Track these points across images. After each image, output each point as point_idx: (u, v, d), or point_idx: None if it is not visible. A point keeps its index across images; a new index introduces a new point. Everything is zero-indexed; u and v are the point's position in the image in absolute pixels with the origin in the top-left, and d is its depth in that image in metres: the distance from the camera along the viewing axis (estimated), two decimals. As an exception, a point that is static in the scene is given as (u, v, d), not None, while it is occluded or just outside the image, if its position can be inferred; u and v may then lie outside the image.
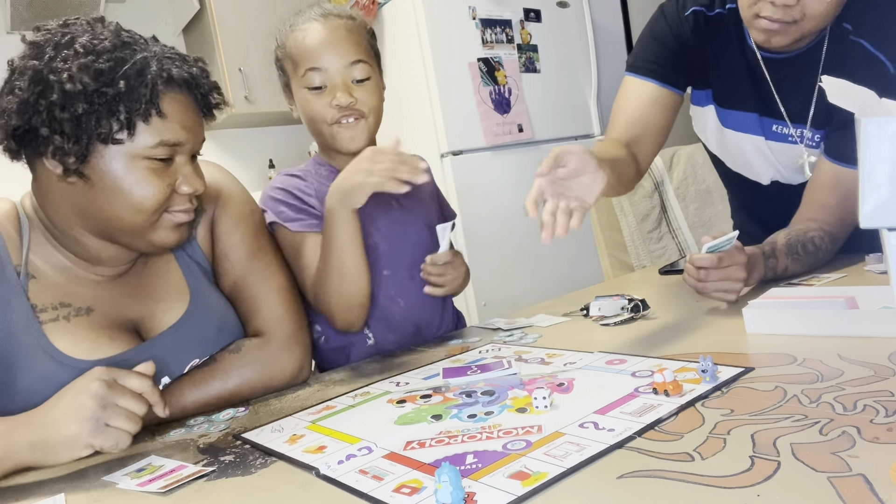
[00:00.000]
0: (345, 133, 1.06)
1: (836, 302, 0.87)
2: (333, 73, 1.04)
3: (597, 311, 1.09)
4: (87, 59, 0.76)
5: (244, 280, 0.98)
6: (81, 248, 0.87)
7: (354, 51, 1.04)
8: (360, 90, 1.05)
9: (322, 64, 1.03)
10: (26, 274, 0.85)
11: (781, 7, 1.05)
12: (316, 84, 1.04)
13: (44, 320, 0.84)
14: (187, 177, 0.85)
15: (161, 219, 0.85)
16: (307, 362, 0.99)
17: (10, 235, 0.86)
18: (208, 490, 0.64)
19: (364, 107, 1.05)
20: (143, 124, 0.79)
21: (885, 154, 0.46)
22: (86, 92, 0.75)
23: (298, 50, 1.05)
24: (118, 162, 0.80)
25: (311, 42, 1.04)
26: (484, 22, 2.83)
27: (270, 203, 1.09)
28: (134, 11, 3.08)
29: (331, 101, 1.04)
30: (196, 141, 0.86)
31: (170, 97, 0.81)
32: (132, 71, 0.78)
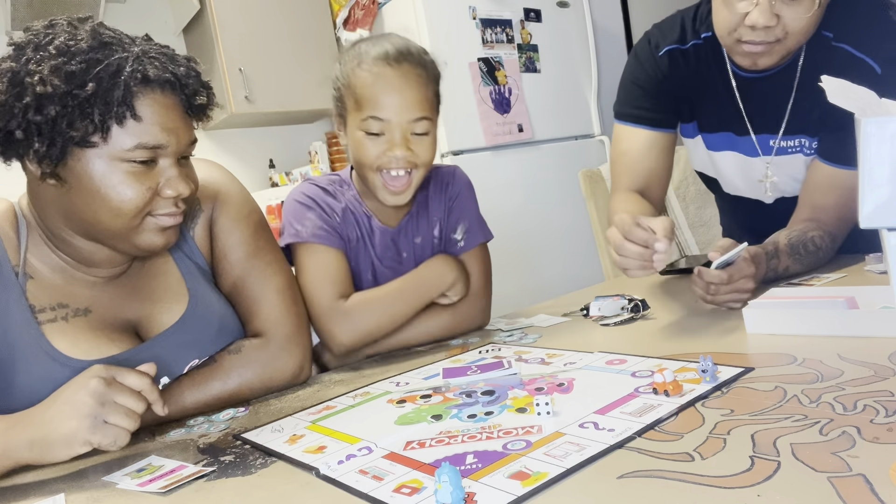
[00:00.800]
0: (389, 193, 1.05)
1: (836, 302, 0.87)
2: (394, 125, 1.01)
3: (597, 311, 1.09)
4: (58, 60, 0.74)
5: (243, 280, 0.98)
6: (74, 249, 0.86)
7: (420, 107, 1.02)
8: (417, 144, 1.03)
9: (385, 115, 1.00)
10: (24, 274, 0.85)
11: (763, 29, 1.05)
12: (374, 131, 1.02)
13: (42, 321, 0.84)
14: (170, 180, 0.82)
15: (144, 222, 0.83)
16: (307, 363, 0.99)
17: (9, 235, 0.86)
18: (208, 490, 0.64)
19: (417, 160, 1.03)
20: (117, 127, 0.77)
21: (885, 154, 0.46)
22: (57, 94, 0.74)
23: (363, 92, 1.01)
24: (96, 165, 0.78)
25: (379, 91, 1.00)
26: (484, 22, 2.83)
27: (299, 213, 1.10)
28: (134, 11, 3.08)
29: (385, 151, 1.02)
30: (180, 143, 0.83)
31: (149, 98, 0.79)
32: (105, 73, 0.76)
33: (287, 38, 3.05)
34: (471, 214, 1.18)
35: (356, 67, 1.03)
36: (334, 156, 3.36)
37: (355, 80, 1.02)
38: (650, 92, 1.30)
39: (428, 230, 1.16)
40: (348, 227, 1.11)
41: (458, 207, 1.17)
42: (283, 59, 3.03)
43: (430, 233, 1.16)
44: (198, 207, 0.98)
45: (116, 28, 0.83)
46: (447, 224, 1.17)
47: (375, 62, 1.01)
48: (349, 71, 1.03)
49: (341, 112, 1.07)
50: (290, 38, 3.06)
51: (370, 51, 1.03)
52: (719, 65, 1.23)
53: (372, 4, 2.93)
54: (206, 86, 0.86)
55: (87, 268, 0.89)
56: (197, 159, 0.94)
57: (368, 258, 1.13)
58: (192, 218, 0.98)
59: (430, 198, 1.16)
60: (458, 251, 1.16)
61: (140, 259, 0.94)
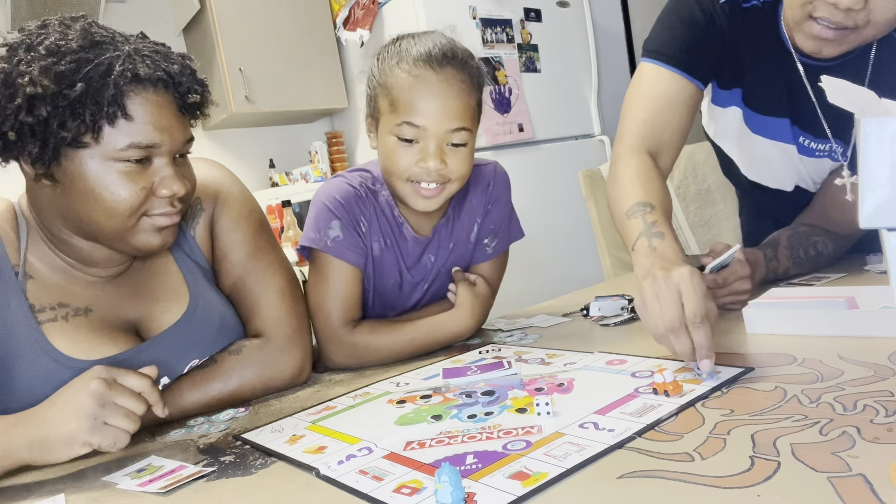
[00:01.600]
0: (419, 202, 0.99)
1: (836, 302, 0.87)
2: (430, 134, 0.94)
3: (597, 312, 1.09)
4: (48, 61, 0.74)
5: (244, 280, 0.98)
6: (73, 249, 0.86)
7: (460, 117, 0.94)
8: (452, 156, 0.96)
9: (422, 122, 0.93)
10: (24, 274, 0.85)
11: (845, 11, 0.90)
12: (408, 137, 0.94)
13: (42, 320, 0.84)
14: (165, 179, 0.81)
15: (140, 223, 0.82)
16: (307, 363, 0.99)
17: (8, 235, 0.86)
18: (208, 490, 0.64)
19: (452, 174, 0.97)
20: (109, 126, 0.76)
21: (885, 154, 0.46)
22: (48, 95, 0.73)
23: (400, 94, 0.94)
24: (90, 165, 0.77)
25: (417, 94, 0.93)
26: (484, 21, 2.83)
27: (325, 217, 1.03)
28: (134, 11, 3.08)
29: (418, 161, 0.95)
30: (175, 142, 0.82)
31: (141, 97, 0.78)
32: (95, 72, 0.75)
33: (287, 38, 3.05)
34: (506, 217, 1.15)
35: (395, 66, 0.95)
36: (334, 156, 3.36)
37: (393, 79, 0.95)
38: (698, 35, 1.10)
39: (463, 234, 1.11)
40: (375, 235, 1.06)
41: (496, 211, 1.13)
42: (283, 59, 3.03)
43: (465, 237, 1.11)
44: (199, 207, 0.98)
45: (110, 27, 0.82)
46: (482, 227, 1.12)
47: (416, 63, 0.94)
48: (387, 69, 0.96)
49: (374, 113, 1.01)
50: (290, 38, 3.06)
51: (412, 49, 0.95)
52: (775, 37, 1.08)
53: (372, 4, 2.93)
54: (201, 83, 0.85)
55: (87, 267, 0.88)
56: (198, 158, 0.93)
57: (396, 265, 1.08)
58: (192, 217, 0.97)
59: (468, 198, 1.11)
60: (485, 256, 1.14)
61: (141, 258, 0.93)
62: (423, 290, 1.12)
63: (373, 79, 1.00)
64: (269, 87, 2.99)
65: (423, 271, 1.11)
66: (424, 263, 1.10)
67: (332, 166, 3.34)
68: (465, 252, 1.13)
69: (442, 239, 1.10)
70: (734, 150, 1.29)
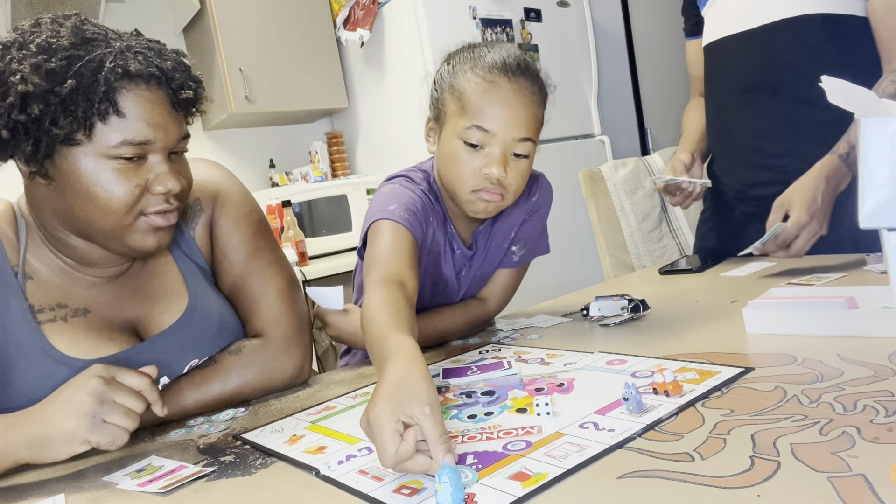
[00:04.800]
0: (479, 206, 0.98)
1: (836, 302, 0.87)
2: (498, 140, 0.94)
3: (597, 312, 1.09)
4: (39, 58, 0.74)
5: (244, 280, 0.98)
6: (71, 249, 0.86)
7: (528, 127, 0.95)
8: (514, 167, 0.96)
9: (491, 127, 0.93)
10: (24, 274, 0.85)
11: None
12: (474, 142, 0.94)
13: (42, 320, 0.84)
14: (160, 176, 0.81)
15: (136, 222, 0.82)
16: (307, 363, 0.99)
17: (8, 236, 0.86)
18: (208, 490, 0.64)
19: (510, 187, 0.96)
20: (101, 123, 0.76)
21: (885, 154, 0.46)
22: (39, 92, 0.73)
23: (473, 98, 0.94)
24: (83, 163, 0.77)
25: (490, 100, 0.93)
26: (484, 21, 2.83)
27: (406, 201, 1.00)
28: (134, 11, 3.08)
29: (482, 168, 0.94)
30: (169, 138, 0.81)
31: (134, 94, 0.77)
32: (86, 69, 0.75)
33: (287, 38, 3.05)
34: (540, 231, 1.15)
35: (468, 70, 0.96)
36: (334, 156, 3.36)
37: (466, 83, 0.96)
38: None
39: (498, 243, 1.12)
40: (436, 237, 1.05)
41: (532, 222, 1.12)
42: (283, 59, 3.03)
43: (499, 245, 1.12)
44: (198, 207, 0.98)
45: (103, 24, 0.82)
46: (517, 235, 1.12)
47: (492, 69, 0.95)
48: (459, 73, 0.97)
49: (439, 115, 1.00)
50: (290, 38, 3.06)
51: (487, 56, 0.96)
52: None
53: (372, 4, 2.93)
54: (195, 80, 0.84)
55: (86, 268, 0.88)
56: (197, 159, 0.93)
57: (442, 270, 1.09)
58: (192, 218, 0.97)
59: (509, 208, 1.08)
60: (510, 263, 1.14)
61: (140, 259, 0.93)
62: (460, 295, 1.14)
63: (442, 81, 1.00)
64: (269, 87, 2.99)
65: (464, 278, 1.13)
66: (465, 271, 1.12)
67: (332, 166, 3.34)
68: (496, 258, 1.14)
69: (479, 247, 1.11)
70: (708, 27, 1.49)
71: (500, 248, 1.13)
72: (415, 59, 2.76)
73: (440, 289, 1.11)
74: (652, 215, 2.18)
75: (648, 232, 2.16)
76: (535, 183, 1.13)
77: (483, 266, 1.13)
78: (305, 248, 2.60)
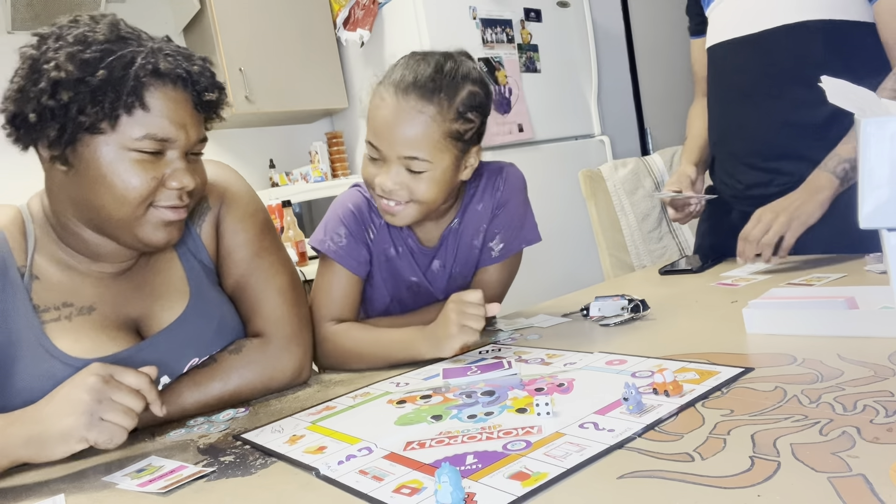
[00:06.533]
0: (382, 206, 1.02)
1: (836, 302, 0.87)
2: (384, 156, 0.98)
3: (597, 312, 1.09)
4: (74, 49, 0.77)
5: (246, 279, 0.98)
6: (81, 242, 0.87)
7: (414, 146, 0.95)
8: (413, 180, 0.97)
9: (377, 144, 0.98)
10: (30, 275, 0.86)
11: None
12: (372, 155, 1.00)
13: (46, 320, 0.84)
14: (176, 172, 0.83)
15: (148, 213, 0.83)
16: (307, 363, 0.99)
17: (16, 238, 0.87)
18: (208, 491, 0.64)
19: (409, 196, 0.98)
20: (126, 116, 0.79)
21: (885, 154, 0.46)
22: (70, 81, 0.76)
23: (369, 114, 1.00)
24: (104, 152, 0.79)
25: (378, 118, 0.97)
26: (484, 22, 2.83)
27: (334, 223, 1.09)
28: (134, 11, 3.08)
29: (376, 176, 0.99)
30: (189, 139, 0.84)
31: (160, 92, 0.80)
32: (118, 62, 0.78)
33: (287, 38, 3.05)
34: (516, 220, 1.14)
35: (377, 86, 1.00)
36: (334, 156, 3.36)
37: (371, 98, 1.00)
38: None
39: (468, 240, 1.13)
40: (387, 242, 1.10)
41: (503, 215, 1.13)
42: (283, 59, 3.03)
43: (469, 243, 1.13)
44: (206, 205, 0.99)
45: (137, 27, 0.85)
46: (488, 231, 1.13)
47: (387, 87, 0.97)
48: (372, 85, 1.01)
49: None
50: (290, 38, 3.06)
51: (396, 72, 0.98)
52: None
53: (372, 4, 2.93)
54: (219, 86, 0.87)
55: (94, 262, 0.89)
56: (205, 159, 0.94)
57: (411, 268, 1.12)
58: (199, 215, 0.98)
59: (475, 205, 1.12)
60: (490, 260, 1.14)
61: (146, 255, 0.94)
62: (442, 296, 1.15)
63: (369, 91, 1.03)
64: (269, 87, 2.99)
65: (435, 276, 1.14)
66: (434, 269, 1.13)
67: (332, 166, 3.34)
68: (469, 257, 1.14)
69: (448, 246, 1.13)
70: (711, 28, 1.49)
71: (470, 246, 1.13)
72: (415, 59, 2.76)
73: (414, 290, 1.14)
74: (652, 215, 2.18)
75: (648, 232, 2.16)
76: (498, 177, 1.13)
77: (456, 264, 1.13)
78: (305, 249, 2.60)
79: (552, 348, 0.94)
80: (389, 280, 1.13)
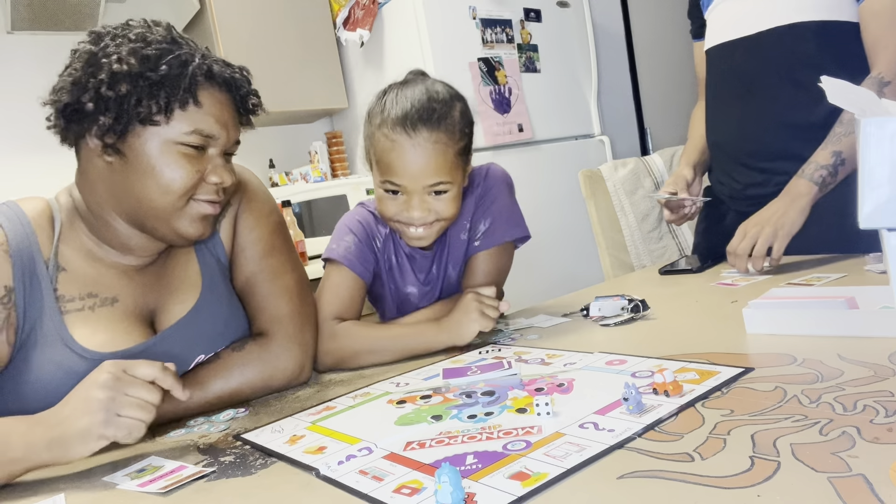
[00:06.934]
0: (410, 234, 1.07)
1: (836, 302, 0.87)
2: (411, 190, 1.03)
3: (597, 312, 1.09)
4: (136, 45, 0.83)
5: (255, 277, 1.00)
6: (112, 233, 0.90)
7: (436, 173, 1.02)
8: (436, 201, 1.04)
9: (400, 182, 1.02)
10: (56, 266, 0.88)
11: None
12: (392, 189, 1.04)
13: (69, 310, 0.86)
14: (216, 168, 0.88)
15: (188, 206, 0.87)
16: (308, 363, 0.99)
17: (44, 229, 0.89)
18: (208, 491, 0.64)
19: (438, 215, 1.05)
20: (179, 110, 0.84)
21: (885, 154, 0.46)
22: (131, 74, 0.81)
23: (382, 157, 1.03)
24: (154, 144, 0.84)
25: (395, 158, 1.01)
26: (484, 22, 2.83)
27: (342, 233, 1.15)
28: (134, 11, 3.08)
29: (402, 211, 1.04)
30: (229, 139, 0.90)
31: (208, 91, 0.87)
32: (176, 61, 0.84)
33: (287, 38, 3.05)
34: (497, 212, 1.16)
35: (377, 129, 1.04)
36: (334, 156, 3.36)
37: (376, 141, 1.04)
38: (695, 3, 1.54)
39: (455, 234, 1.16)
40: (389, 252, 1.17)
41: (483, 206, 1.16)
42: (283, 59, 3.03)
43: (457, 236, 1.16)
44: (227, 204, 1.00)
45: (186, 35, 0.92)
46: (472, 227, 1.16)
47: (394, 128, 1.01)
48: (374, 129, 1.05)
49: (370, 162, 1.09)
50: (289, 38, 3.06)
51: (392, 110, 1.02)
52: None
53: (372, 4, 2.93)
54: (256, 94, 0.95)
55: (121, 255, 0.92)
56: None
57: (413, 274, 1.18)
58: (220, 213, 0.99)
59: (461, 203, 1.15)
60: (475, 249, 1.16)
61: (167, 249, 0.96)
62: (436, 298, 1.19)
63: (365, 134, 1.09)
64: (268, 88, 2.97)
65: (434, 280, 1.19)
66: (434, 272, 1.19)
67: (332, 166, 3.34)
68: (458, 252, 1.17)
69: (442, 245, 1.17)
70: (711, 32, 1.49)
71: (458, 240, 1.17)
72: (415, 59, 2.76)
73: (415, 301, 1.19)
74: (651, 215, 2.18)
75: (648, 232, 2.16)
76: (479, 177, 1.17)
77: (451, 262, 1.18)
78: (305, 248, 2.60)
79: (552, 348, 0.95)
80: (395, 291, 1.19)
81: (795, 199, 1.22)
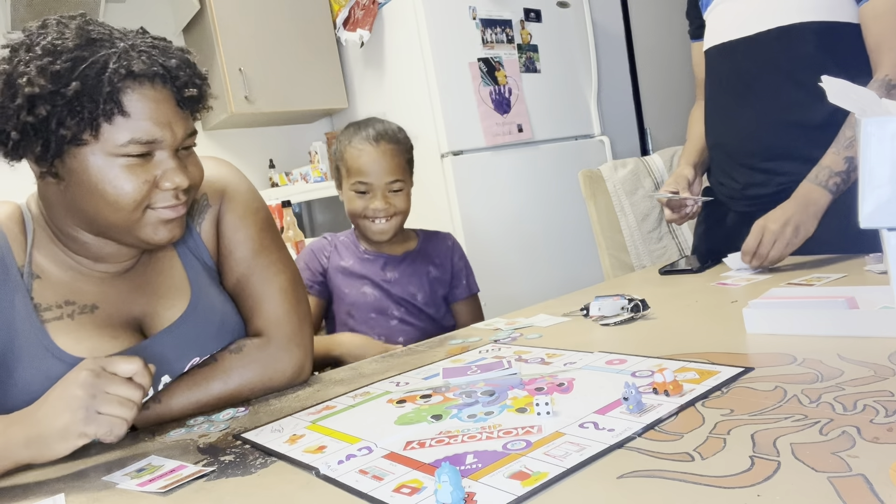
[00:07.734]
0: (375, 227, 1.40)
1: (836, 302, 0.87)
2: (376, 187, 1.38)
3: (597, 311, 1.09)
4: (44, 60, 0.75)
5: (247, 278, 0.98)
6: (81, 245, 0.87)
7: (394, 173, 1.39)
8: (394, 197, 1.40)
9: (369, 180, 1.38)
10: (30, 273, 0.85)
11: None
12: (361, 190, 1.39)
13: (47, 319, 0.84)
14: (168, 172, 0.82)
15: (146, 216, 0.82)
16: (307, 363, 0.99)
17: (16, 236, 0.87)
18: (208, 490, 0.64)
19: (395, 209, 1.40)
20: (107, 124, 0.77)
21: (885, 154, 0.46)
22: (44, 94, 0.74)
23: (353, 163, 1.39)
24: (92, 161, 0.78)
25: (364, 162, 1.38)
26: (484, 22, 2.83)
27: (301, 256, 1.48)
28: (134, 11, 3.08)
29: (370, 205, 1.38)
30: (176, 136, 0.82)
31: (139, 93, 0.78)
32: (90, 70, 0.75)
33: (287, 38, 3.05)
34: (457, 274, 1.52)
35: (348, 145, 1.40)
36: (334, 156, 3.36)
37: (347, 154, 1.40)
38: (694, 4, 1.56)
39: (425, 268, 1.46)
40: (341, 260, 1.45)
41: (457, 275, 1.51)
42: (283, 59, 3.03)
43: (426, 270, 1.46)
44: (205, 203, 0.98)
45: (107, 24, 0.83)
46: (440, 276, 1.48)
47: (361, 141, 1.38)
48: (343, 148, 1.41)
49: (338, 176, 1.45)
50: (290, 38, 3.06)
51: (358, 133, 1.40)
52: None
53: (372, 4, 2.93)
54: (200, 76, 0.84)
55: (95, 263, 0.89)
56: (205, 157, 0.94)
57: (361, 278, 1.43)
58: (199, 214, 0.98)
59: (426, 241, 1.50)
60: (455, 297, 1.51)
61: (147, 254, 0.94)
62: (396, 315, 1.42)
63: (334, 155, 1.45)
64: (269, 87, 2.99)
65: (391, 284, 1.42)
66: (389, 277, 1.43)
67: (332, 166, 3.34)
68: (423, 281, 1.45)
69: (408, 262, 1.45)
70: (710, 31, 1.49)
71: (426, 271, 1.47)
72: (415, 59, 2.76)
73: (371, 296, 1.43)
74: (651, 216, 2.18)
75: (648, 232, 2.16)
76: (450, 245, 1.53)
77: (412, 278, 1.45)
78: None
79: (552, 348, 0.95)
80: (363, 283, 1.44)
81: (809, 206, 1.22)
